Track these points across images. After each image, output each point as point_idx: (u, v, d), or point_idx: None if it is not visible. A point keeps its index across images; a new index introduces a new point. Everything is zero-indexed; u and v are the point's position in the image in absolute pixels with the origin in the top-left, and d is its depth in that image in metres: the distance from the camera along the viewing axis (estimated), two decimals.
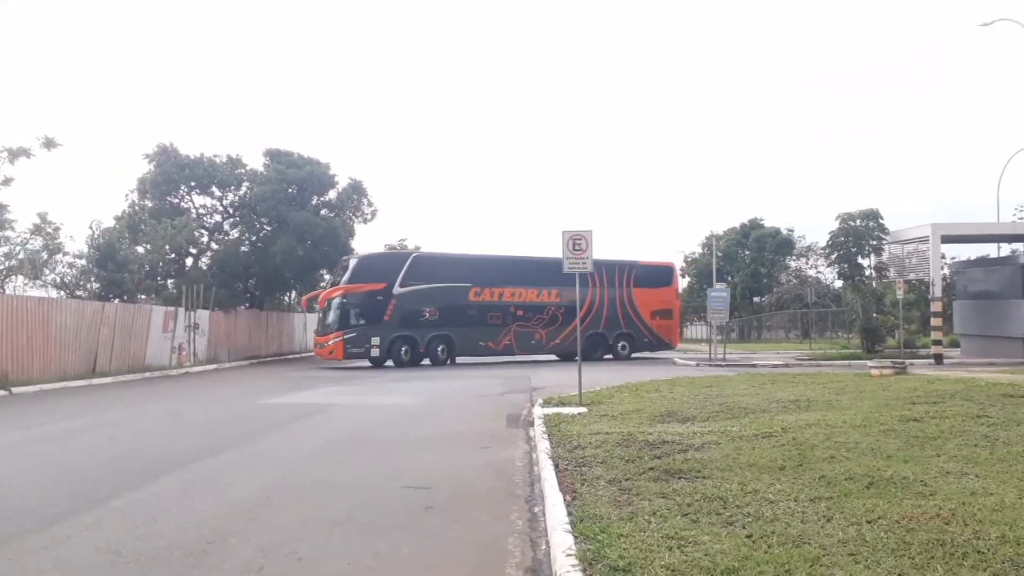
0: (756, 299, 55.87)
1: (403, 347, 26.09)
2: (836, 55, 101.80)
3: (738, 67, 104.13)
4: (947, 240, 27.98)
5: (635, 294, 29.80)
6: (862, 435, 8.15)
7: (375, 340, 25.68)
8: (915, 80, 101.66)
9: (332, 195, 35.37)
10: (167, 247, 28.96)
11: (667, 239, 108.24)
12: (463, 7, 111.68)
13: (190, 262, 32.89)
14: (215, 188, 33.79)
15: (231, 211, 34.54)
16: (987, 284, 27.44)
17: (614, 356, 29.15)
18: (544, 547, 5.07)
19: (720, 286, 29.62)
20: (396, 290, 26.04)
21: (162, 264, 30.14)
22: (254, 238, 34.25)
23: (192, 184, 33.11)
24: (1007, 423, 8.80)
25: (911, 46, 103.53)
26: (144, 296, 28.06)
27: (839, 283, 40.08)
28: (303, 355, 35.59)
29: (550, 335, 28.34)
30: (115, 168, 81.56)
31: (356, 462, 8.31)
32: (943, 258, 32.75)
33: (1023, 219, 34.52)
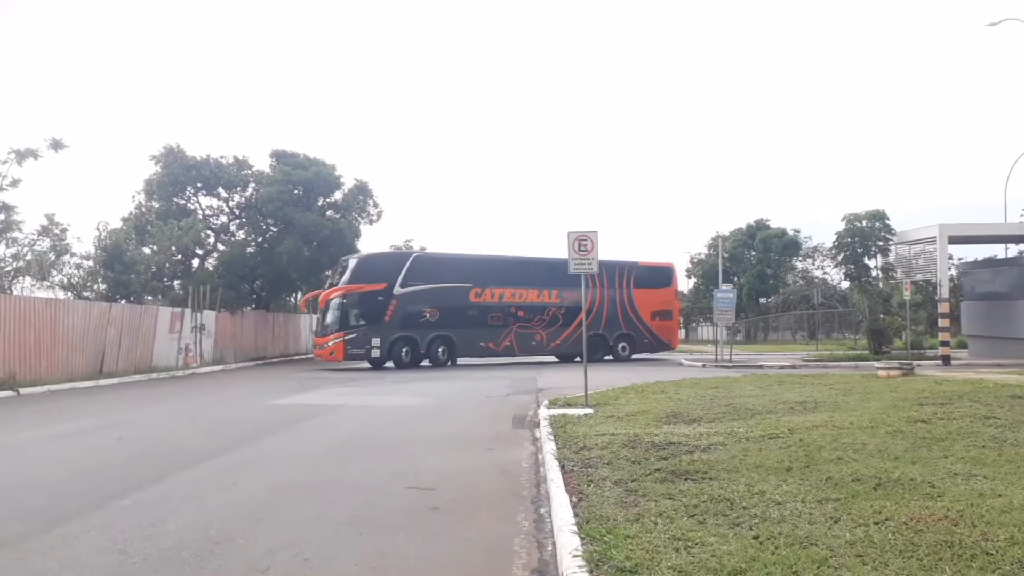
0: (762, 300, 55.73)
1: (404, 348, 25.85)
2: (843, 55, 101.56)
3: (745, 67, 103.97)
4: (954, 241, 27.91)
5: (635, 295, 29.66)
6: (869, 436, 8.13)
7: (376, 341, 25.42)
8: (921, 80, 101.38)
9: (338, 196, 35.45)
10: (174, 248, 29.06)
11: (673, 239, 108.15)
12: (469, 9, 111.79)
13: (196, 263, 32.99)
14: (221, 189, 33.90)
15: (237, 212, 34.65)
16: (995, 285, 27.32)
17: (614, 357, 28.95)
18: (550, 548, 5.06)
19: (726, 287, 29.56)
20: (397, 290, 25.85)
21: (169, 265, 30.22)
22: (260, 239, 34.34)
23: (199, 185, 33.23)
24: (1015, 424, 8.76)
25: (917, 46, 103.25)
26: (151, 297, 28.15)
27: (846, 284, 39.93)
28: (309, 356, 35.59)
29: (551, 336, 28.19)
30: (122, 169, 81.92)
31: (362, 463, 8.32)
32: (950, 259, 32.68)
33: None
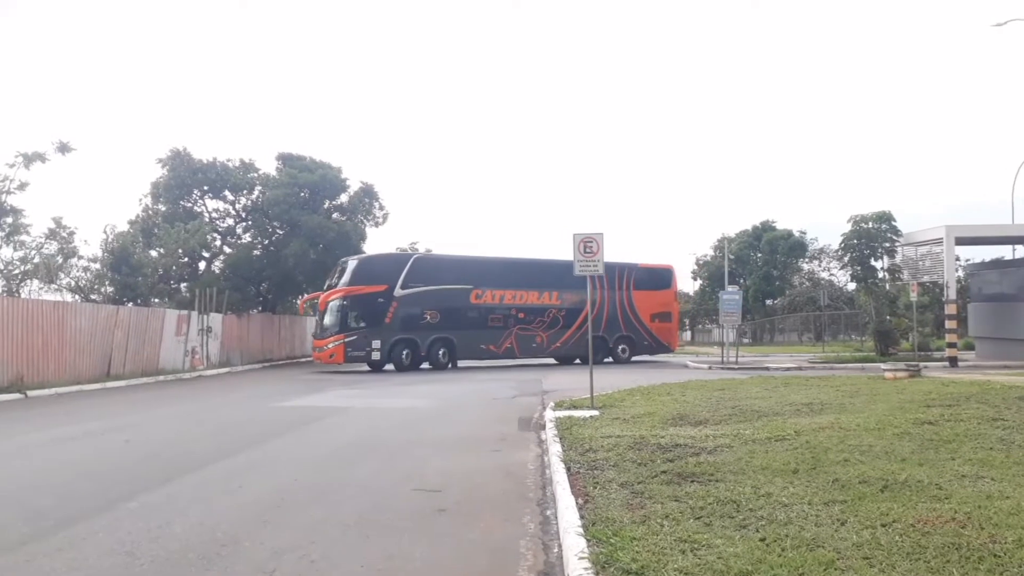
0: (768, 302, 55.63)
1: (404, 350, 25.55)
2: (849, 56, 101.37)
3: (751, 69, 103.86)
4: (961, 242, 27.80)
5: (635, 297, 29.52)
6: (876, 438, 8.11)
7: (376, 343, 25.09)
8: (927, 81, 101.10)
9: (344, 199, 35.54)
10: (180, 251, 29.15)
11: (679, 241, 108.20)
12: (475, 12, 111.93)
13: (203, 266, 33.12)
14: (228, 192, 34.04)
15: (244, 215, 34.77)
16: (1002, 286, 27.21)
17: (614, 359, 28.70)
18: (556, 550, 5.06)
19: (732, 289, 29.54)
20: (397, 292, 25.58)
21: (175, 268, 30.33)
22: (266, 242, 34.45)
23: (205, 188, 33.37)
24: (1023, 426, 8.72)
25: (923, 47, 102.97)
26: (157, 300, 28.26)
27: (852, 286, 39.84)
28: None
29: (551, 338, 28.02)
30: (129, 173, 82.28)
31: (368, 465, 8.33)
32: (957, 260, 32.55)
33: None
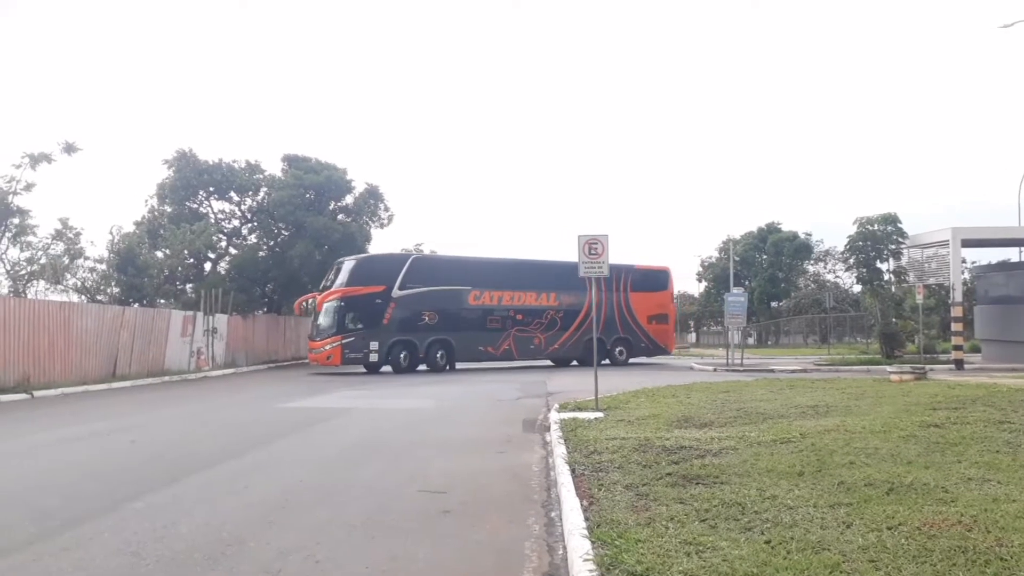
0: (774, 304, 55.52)
1: (402, 352, 25.21)
2: (855, 58, 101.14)
3: (755, 70, 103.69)
4: (967, 244, 27.74)
5: (632, 298, 29.31)
6: (882, 441, 8.09)
7: (374, 345, 24.74)
8: (934, 82, 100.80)
9: (349, 200, 35.58)
10: (186, 252, 29.22)
11: (683, 243, 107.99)
12: (480, 14, 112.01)
13: (209, 267, 33.19)
14: (233, 193, 34.11)
15: (249, 216, 34.85)
16: (1008, 288, 27.13)
17: (611, 361, 28.41)
18: (561, 552, 5.06)
19: (737, 291, 29.53)
20: (395, 293, 25.26)
21: (181, 269, 30.39)
22: (272, 243, 34.52)
23: (211, 189, 33.44)
24: None
25: (929, 48, 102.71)
26: (163, 300, 28.31)
27: (858, 288, 39.84)
28: None
29: (549, 340, 27.83)
30: (135, 174, 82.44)
31: (373, 466, 8.34)
32: (963, 262, 32.46)
33: None
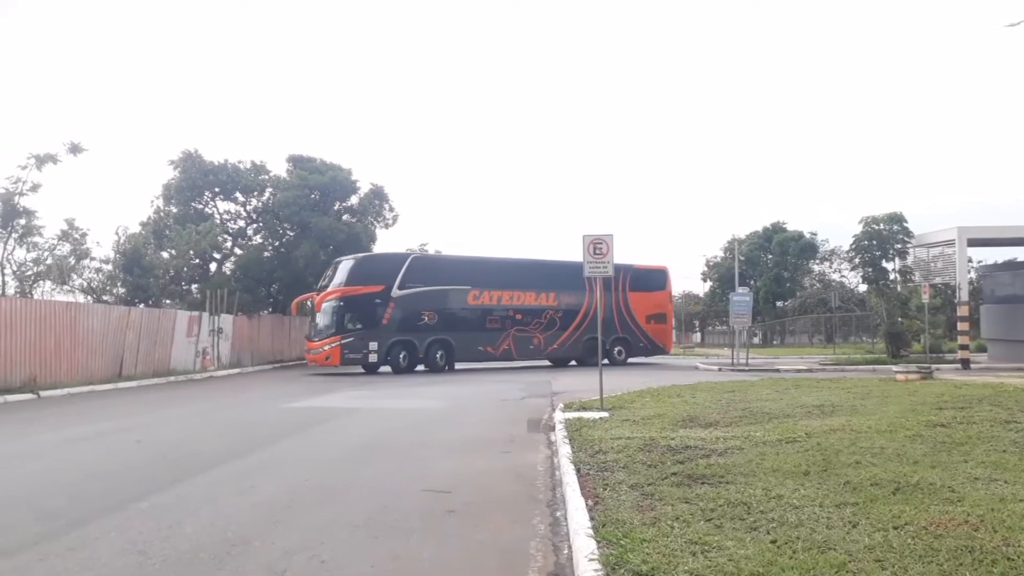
0: (779, 303, 55.45)
1: (402, 352, 25.03)
2: (860, 57, 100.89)
3: (761, 70, 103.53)
4: (973, 244, 27.63)
5: (631, 298, 29.21)
6: (888, 440, 8.06)
7: (373, 345, 24.56)
8: (940, 81, 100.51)
9: (354, 201, 35.65)
10: (191, 252, 29.30)
11: (689, 243, 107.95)
12: (485, 15, 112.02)
13: (214, 267, 33.28)
14: (239, 194, 34.21)
15: (254, 217, 34.93)
16: (1015, 288, 27.04)
17: (610, 361, 28.18)
18: (566, 552, 5.05)
19: (743, 290, 29.46)
20: (395, 292, 25.09)
21: (187, 269, 30.47)
22: (277, 243, 34.59)
23: (216, 190, 33.55)
24: None
25: (934, 46, 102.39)
26: (169, 301, 28.38)
27: (863, 287, 39.68)
28: None
29: (548, 340, 27.73)
30: (141, 174, 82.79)
31: (378, 466, 8.34)
32: (969, 262, 32.36)
33: None
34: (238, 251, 34.52)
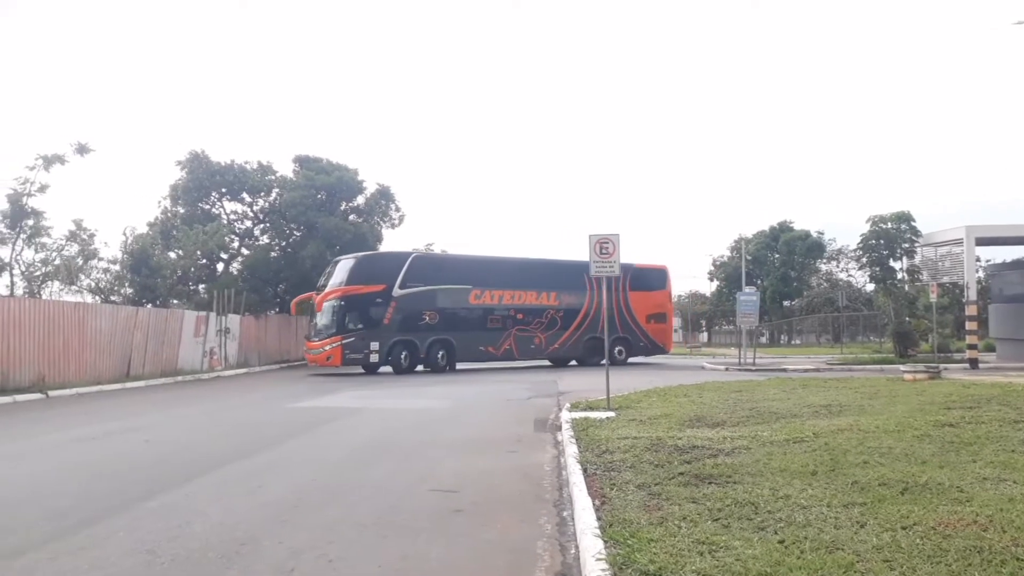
0: (786, 303, 55.31)
1: (403, 352, 24.83)
2: (867, 55, 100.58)
3: (768, 69, 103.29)
4: (982, 243, 27.55)
5: (631, 298, 29.02)
6: (896, 440, 8.04)
7: (374, 345, 24.32)
8: (947, 79, 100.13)
9: (360, 201, 35.70)
10: (199, 253, 29.40)
11: (695, 242, 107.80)
12: (490, 15, 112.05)
13: (221, 267, 33.39)
14: (246, 194, 34.32)
15: (261, 217, 35.03)
16: (1023, 287, 26.90)
17: (611, 361, 28.11)
18: (573, 551, 5.05)
19: (749, 290, 29.39)
20: (396, 292, 24.88)
21: (194, 269, 30.59)
22: (284, 244, 34.68)
23: (223, 190, 33.65)
24: None
25: (941, 45, 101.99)
26: (176, 301, 28.50)
27: (871, 287, 39.60)
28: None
29: (549, 339, 27.61)
30: (148, 175, 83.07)
31: (384, 466, 8.35)
32: (978, 261, 32.24)
33: None
34: (245, 251, 34.62)
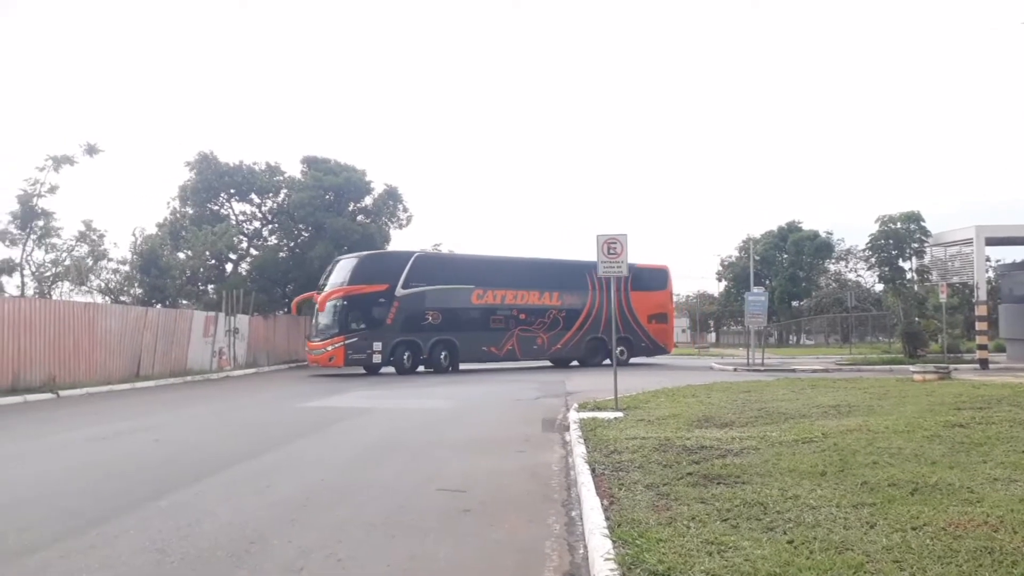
0: (795, 303, 55.13)
1: (406, 352, 24.61)
2: (875, 55, 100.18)
3: (776, 69, 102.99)
4: (991, 242, 27.40)
5: (632, 298, 28.85)
6: (905, 441, 8.01)
7: (377, 345, 24.09)
8: (956, 78, 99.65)
9: (368, 201, 35.76)
10: (207, 253, 29.52)
11: (703, 242, 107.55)
12: (497, 16, 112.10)
13: (230, 268, 33.52)
14: (254, 195, 34.44)
15: (270, 218, 35.14)
16: None
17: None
18: (582, 551, 5.05)
19: (758, 290, 29.33)
20: (399, 292, 24.63)
21: (203, 270, 30.71)
22: (292, 244, 34.77)
23: (232, 191, 33.79)
24: None
25: (950, 44, 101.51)
26: (185, 301, 28.63)
27: (880, 287, 39.42)
28: None
29: (551, 340, 27.45)
30: (157, 176, 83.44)
31: (393, 465, 8.36)
32: (987, 261, 32.06)
33: None
34: (254, 252, 34.74)
